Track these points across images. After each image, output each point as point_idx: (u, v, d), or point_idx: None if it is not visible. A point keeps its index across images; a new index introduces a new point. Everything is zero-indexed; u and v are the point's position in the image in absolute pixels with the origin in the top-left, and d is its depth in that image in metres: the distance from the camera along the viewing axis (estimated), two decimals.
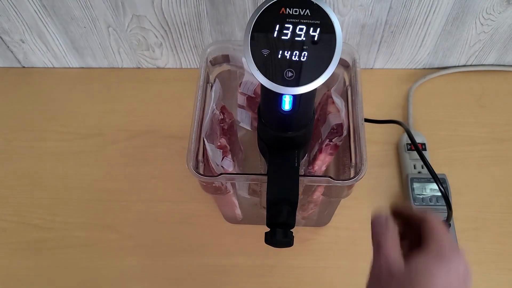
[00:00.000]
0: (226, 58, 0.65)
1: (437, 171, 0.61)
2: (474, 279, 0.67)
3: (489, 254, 0.69)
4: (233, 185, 0.60)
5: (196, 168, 0.55)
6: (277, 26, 0.40)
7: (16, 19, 0.78)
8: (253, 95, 0.63)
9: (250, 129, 0.69)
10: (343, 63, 0.62)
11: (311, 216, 0.69)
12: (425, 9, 0.72)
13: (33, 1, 0.74)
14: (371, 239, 0.43)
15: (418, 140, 0.77)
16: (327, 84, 0.50)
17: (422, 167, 0.74)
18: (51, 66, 0.91)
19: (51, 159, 0.81)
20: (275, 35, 0.40)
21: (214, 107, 0.59)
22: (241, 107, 0.67)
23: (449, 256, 0.41)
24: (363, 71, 0.61)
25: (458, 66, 0.86)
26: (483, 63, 0.86)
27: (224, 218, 0.73)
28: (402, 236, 0.44)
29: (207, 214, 0.74)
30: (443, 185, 0.60)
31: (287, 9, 0.40)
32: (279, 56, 0.40)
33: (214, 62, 0.65)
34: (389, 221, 0.43)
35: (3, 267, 0.72)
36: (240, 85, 0.64)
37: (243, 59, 0.62)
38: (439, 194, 0.68)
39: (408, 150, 0.76)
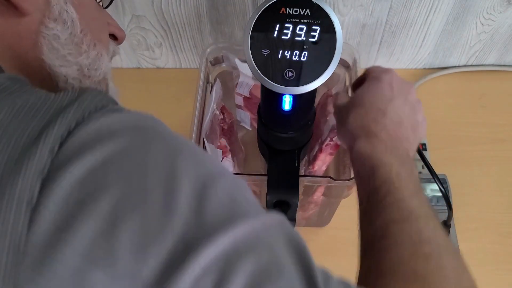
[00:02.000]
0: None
1: (438, 171, 0.61)
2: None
3: (489, 254, 0.69)
4: None
5: None
6: (277, 26, 0.40)
7: None
8: (249, 96, 0.63)
9: (250, 129, 0.69)
10: (343, 63, 0.62)
11: (312, 217, 0.69)
12: (426, 9, 0.72)
13: None
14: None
15: None
16: (327, 84, 0.50)
17: (423, 167, 0.73)
18: None
19: None
20: (275, 35, 0.40)
21: (215, 107, 0.59)
22: (239, 107, 0.67)
23: (379, 76, 0.47)
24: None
25: (458, 66, 0.86)
26: (484, 63, 0.86)
27: None
28: None
29: None
30: (444, 186, 0.60)
31: (287, 9, 0.40)
32: (279, 56, 0.40)
33: (214, 62, 0.64)
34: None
35: None
36: (236, 86, 0.64)
37: (236, 60, 0.62)
38: (440, 194, 0.68)
39: None
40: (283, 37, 0.40)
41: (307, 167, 0.63)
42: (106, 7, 0.43)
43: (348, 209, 0.72)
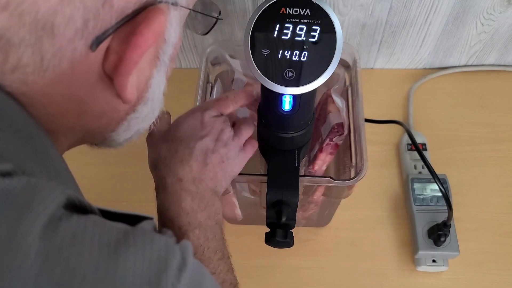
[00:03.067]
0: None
1: (438, 171, 0.61)
2: (474, 279, 0.67)
3: (489, 254, 0.69)
4: (233, 185, 0.60)
5: None
6: (277, 26, 0.40)
7: None
8: None
9: None
10: (343, 63, 0.62)
11: (312, 217, 0.69)
12: (426, 9, 0.72)
13: None
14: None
15: (419, 140, 0.77)
16: (327, 84, 0.50)
17: (423, 167, 0.74)
18: None
19: None
20: (275, 35, 0.40)
21: None
22: None
23: (194, 111, 0.50)
24: (363, 71, 0.61)
25: (458, 66, 0.86)
26: (484, 63, 0.86)
27: (224, 219, 0.73)
28: None
29: None
30: (444, 185, 0.60)
31: (287, 9, 0.40)
32: (279, 56, 0.40)
33: (214, 62, 0.64)
34: None
35: None
36: (232, 82, 0.64)
37: (227, 56, 0.62)
38: (440, 194, 0.68)
39: (409, 150, 0.76)
40: (283, 37, 0.40)
41: (307, 167, 0.63)
42: None
43: (348, 209, 0.72)
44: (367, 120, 0.62)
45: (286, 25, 0.40)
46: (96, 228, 0.24)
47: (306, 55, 0.40)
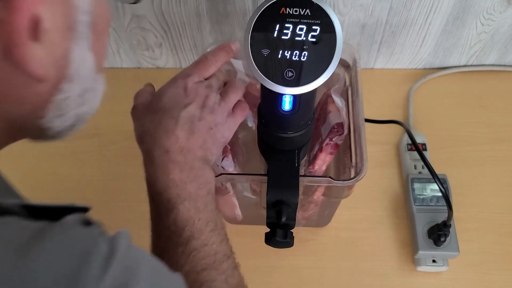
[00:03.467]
0: None
1: (438, 171, 0.61)
2: (474, 279, 0.67)
3: (489, 254, 0.69)
4: (233, 185, 0.60)
5: None
6: (277, 26, 0.40)
7: None
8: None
9: (251, 125, 0.69)
10: (343, 63, 0.62)
11: (311, 217, 0.69)
12: (426, 9, 0.72)
13: None
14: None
15: (419, 140, 0.77)
16: (327, 84, 0.50)
17: (423, 167, 0.74)
18: None
19: (51, 159, 0.81)
20: (275, 35, 0.40)
21: None
22: None
23: (175, 78, 0.47)
24: (363, 71, 0.61)
25: (458, 66, 0.86)
26: (484, 63, 0.86)
27: (224, 219, 0.73)
28: None
29: None
30: (444, 185, 0.60)
31: (287, 9, 0.40)
32: (279, 56, 0.40)
33: None
34: None
35: None
36: None
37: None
38: (440, 194, 0.68)
39: (409, 150, 0.76)
40: (283, 37, 0.40)
41: (307, 167, 0.63)
42: None
43: (348, 209, 0.72)
44: (367, 120, 0.62)
45: (286, 25, 0.40)
46: (5, 230, 0.23)
47: (306, 55, 0.40)
